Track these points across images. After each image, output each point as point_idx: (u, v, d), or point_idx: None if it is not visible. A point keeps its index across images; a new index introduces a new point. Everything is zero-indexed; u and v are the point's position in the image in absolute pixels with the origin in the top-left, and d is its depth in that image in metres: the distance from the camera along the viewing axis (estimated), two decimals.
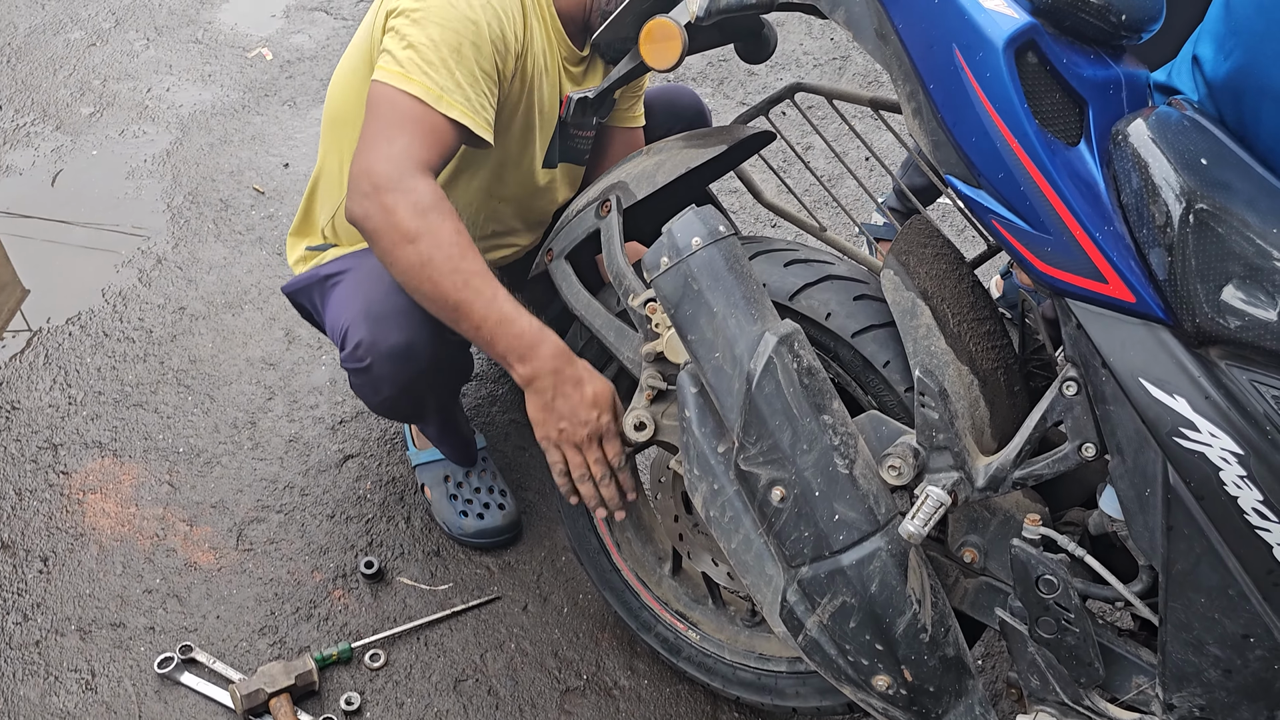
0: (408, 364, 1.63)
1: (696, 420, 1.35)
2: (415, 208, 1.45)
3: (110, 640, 1.80)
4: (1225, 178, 1.05)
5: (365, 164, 1.49)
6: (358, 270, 1.71)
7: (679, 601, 1.76)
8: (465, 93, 1.51)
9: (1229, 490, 1.04)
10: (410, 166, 1.48)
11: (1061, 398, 1.17)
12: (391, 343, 1.61)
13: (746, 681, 1.67)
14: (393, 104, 1.50)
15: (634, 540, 1.79)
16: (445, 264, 1.45)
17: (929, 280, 1.28)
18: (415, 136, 1.49)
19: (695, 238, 1.28)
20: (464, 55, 1.50)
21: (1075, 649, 1.22)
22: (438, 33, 1.49)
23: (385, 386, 1.67)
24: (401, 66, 1.49)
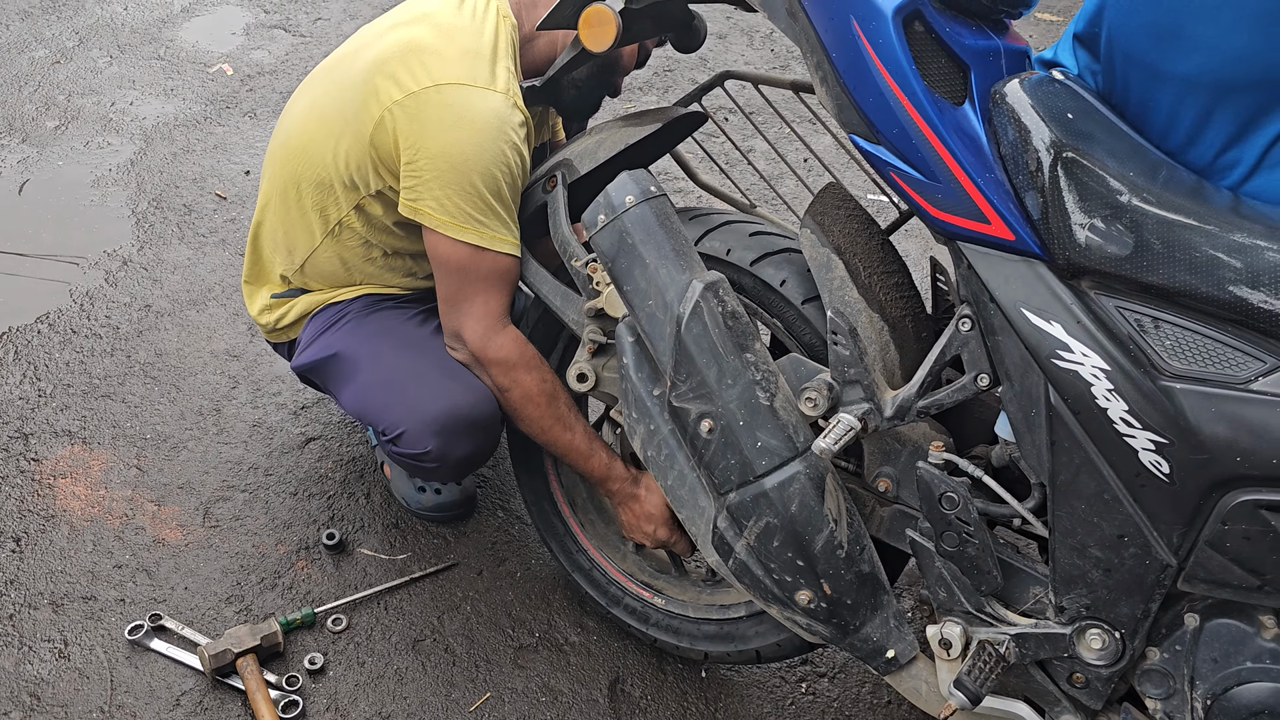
0: (473, 465, 1.83)
1: (634, 366, 1.47)
2: (504, 366, 1.71)
3: (82, 612, 1.89)
4: (1089, 129, 1.19)
5: (455, 326, 1.72)
6: (382, 354, 1.80)
7: (644, 573, 1.87)
8: (508, 226, 1.67)
9: (1100, 403, 1.17)
10: (491, 324, 1.70)
11: (958, 334, 1.30)
12: (462, 454, 1.77)
13: (711, 635, 1.77)
14: (456, 260, 1.66)
15: (598, 520, 1.91)
16: (534, 412, 1.72)
17: (842, 237, 1.41)
18: (485, 289, 1.69)
19: (629, 196, 1.41)
20: (502, 196, 1.64)
21: (975, 559, 1.34)
22: (479, 180, 1.60)
23: (443, 478, 1.90)
24: (449, 215, 1.62)
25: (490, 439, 1.79)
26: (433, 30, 1.65)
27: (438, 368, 1.75)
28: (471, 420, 1.73)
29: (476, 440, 1.76)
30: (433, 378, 1.74)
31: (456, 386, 1.73)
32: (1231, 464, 1.10)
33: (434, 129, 1.58)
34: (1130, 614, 1.25)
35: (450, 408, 1.72)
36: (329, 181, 1.76)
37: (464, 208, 1.61)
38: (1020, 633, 1.34)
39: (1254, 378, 1.09)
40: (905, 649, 1.45)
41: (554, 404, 1.71)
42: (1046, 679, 1.36)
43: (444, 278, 1.69)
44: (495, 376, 1.72)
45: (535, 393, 1.71)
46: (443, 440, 1.73)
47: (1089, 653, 1.29)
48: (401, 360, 1.78)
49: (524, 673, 1.85)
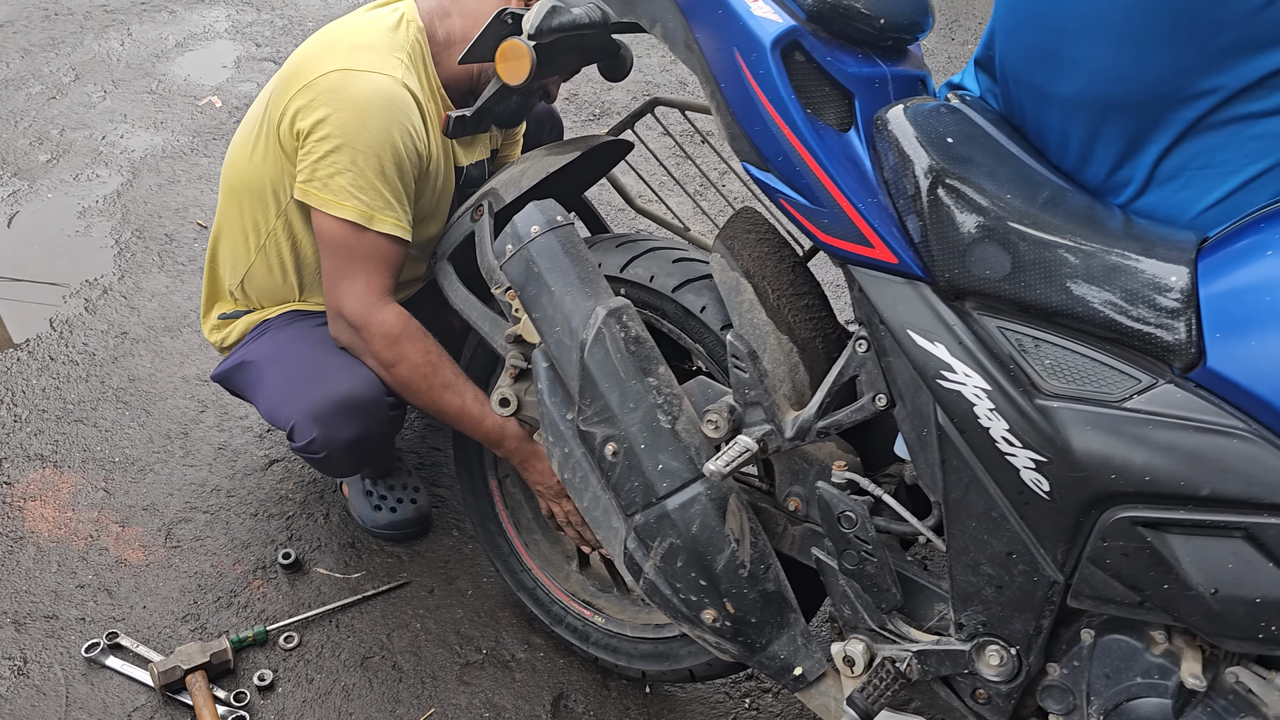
0: (363, 450, 1.85)
1: (548, 391, 1.51)
2: (387, 339, 1.74)
3: (43, 630, 1.94)
4: (968, 153, 1.22)
5: (336, 303, 1.76)
6: (278, 358, 1.88)
7: (586, 592, 1.91)
8: (392, 207, 1.72)
9: (982, 423, 1.19)
10: (372, 300, 1.74)
11: (855, 355, 1.33)
12: (346, 437, 1.81)
13: (647, 654, 1.80)
14: (339, 237, 1.71)
15: (542, 541, 1.95)
16: (421, 383, 1.76)
17: (751, 261, 1.45)
18: (367, 267, 1.73)
19: (534, 226, 1.45)
20: (387, 174, 1.70)
21: (875, 577, 1.37)
22: (361, 158, 1.67)
23: (341, 467, 1.92)
24: (333, 193, 1.69)
25: (375, 421, 1.81)
26: (334, 34, 1.76)
27: (322, 361, 1.80)
28: (349, 402, 1.76)
29: (358, 423, 1.78)
30: (316, 370, 1.79)
31: (333, 374, 1.78)
32: (1107, 481, 1.11)
33: (320, 112, 1.67)
34: (1023, 630, 1.27)
35: (326, 394, 1.76)
36: (257, 188, 1.84)
37: (345, 186, 1.67)
38: (922, 649, 1.35)
39: (1128, 396, 1.11)
40: (813, 666, 1.47)
41: (439, 372, 1.75)
42: (952, 695, 1.38)
43: (327, 256, 1.73)
44: (379, 351, 1.74)
45: (420, 363, 1.74)
46: (324, 427, 1.77)
47: (988, 669, 1.31)
48: (298, 361, 1.83)
49: (469, 689, 1.89)
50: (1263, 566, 1.06)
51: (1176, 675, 1.19)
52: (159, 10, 4.16)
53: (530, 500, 1.94)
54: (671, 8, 1.35)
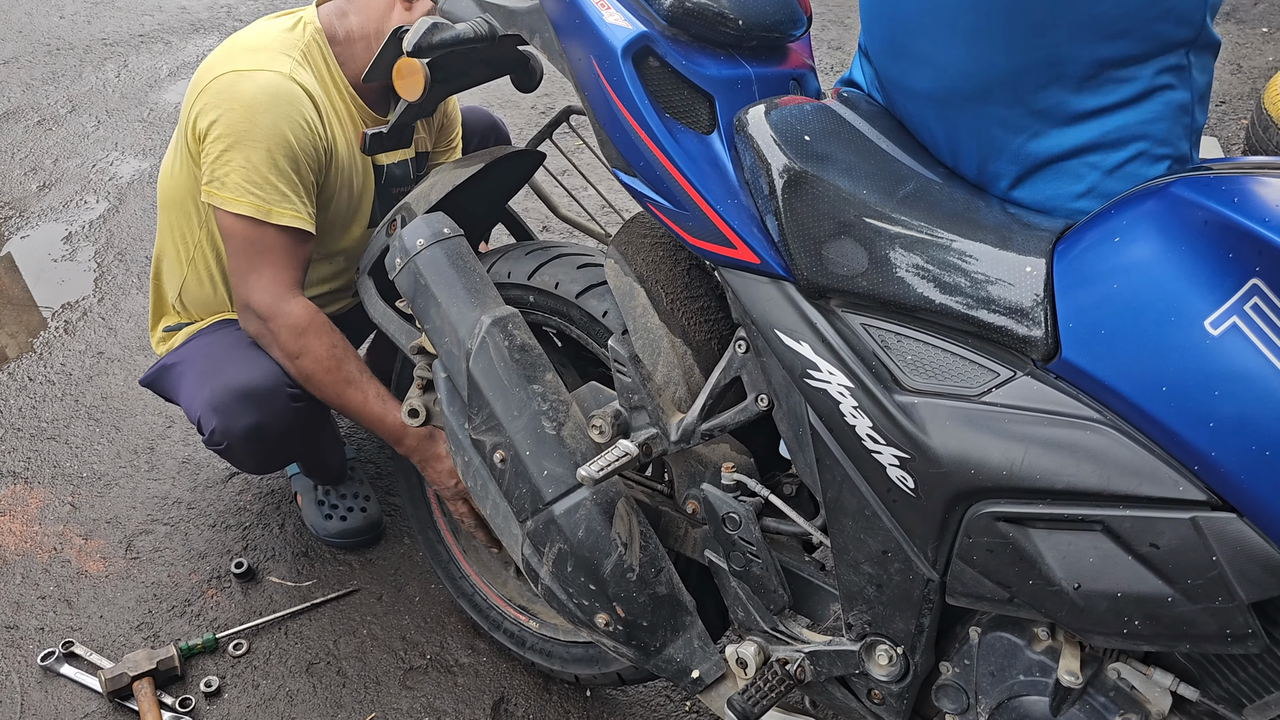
0: (262, 441, 1.87)
1: (446, 402, 1.54)
2: (293, 331, 1.78)
3: (4, 641, 2.00)
4: (826, 150, 1.22)
5: (243, 297, 1.80)
6: (196, 358, 1.93)
7: (522, 598, 1.93)
8: (289, 199, 1.76)
9: (847, 420, 1.19)
10: (280, 293, 1.78)
11: (736, 356, 1.34)
12: (242, 426, 1.83)
13: (579, 658, 1.82)
14: (240, 233, 1.76)
15: (480, 549, 1.97)
16: (324, 377, 1.80)
17: (645, 266, 1.46)
18: (272, 260, 1.77)
19: (420, 239, 1.48)
20: (280, 168, 1.75)
21: (761, 578, 1.37)
22: (253, 154, 1.72)
23: (248, 460, 1.94)
24: (230, 190, 1.74)
25: (273, 411, 1.82)
26: (231, 41, 1.83)
27: (229, 355, 1.85)
28: (245, 391, 1.79)
29: (255, 412, 1.80)
30: (221, 364, 1.84)
31: (234, 365, 1.82)
32: (968, 476, 1.11)
33: (213, 113, 1.73)
34: (905, 629, 1.26)
35: (225, 383, 1.80)
36: (179, 200, 1.91)
37: (240, 182, 1.72)
38: (814, 650, 1.35)
39: (987, 389, 1.11)
40: (710, 669, 1.47)
41: (343, 367, 1.78)
42: (849, 695, 1.37)
43: (232, 253, 1.78)
44: (285, 343, 1.78)
45: (324, 356, 1.77)
46: (222, 417, 1.81)
47: (878, 669, 1.31)
48: (209, 358, 1.88)
49: (410, 693, 1.91)
50: (1122, 560, 1.05)
51: (1055, 672, 1.18)
52: (155, 41, 4.27)
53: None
54: (544, 20, 1.38)
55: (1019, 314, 1.08)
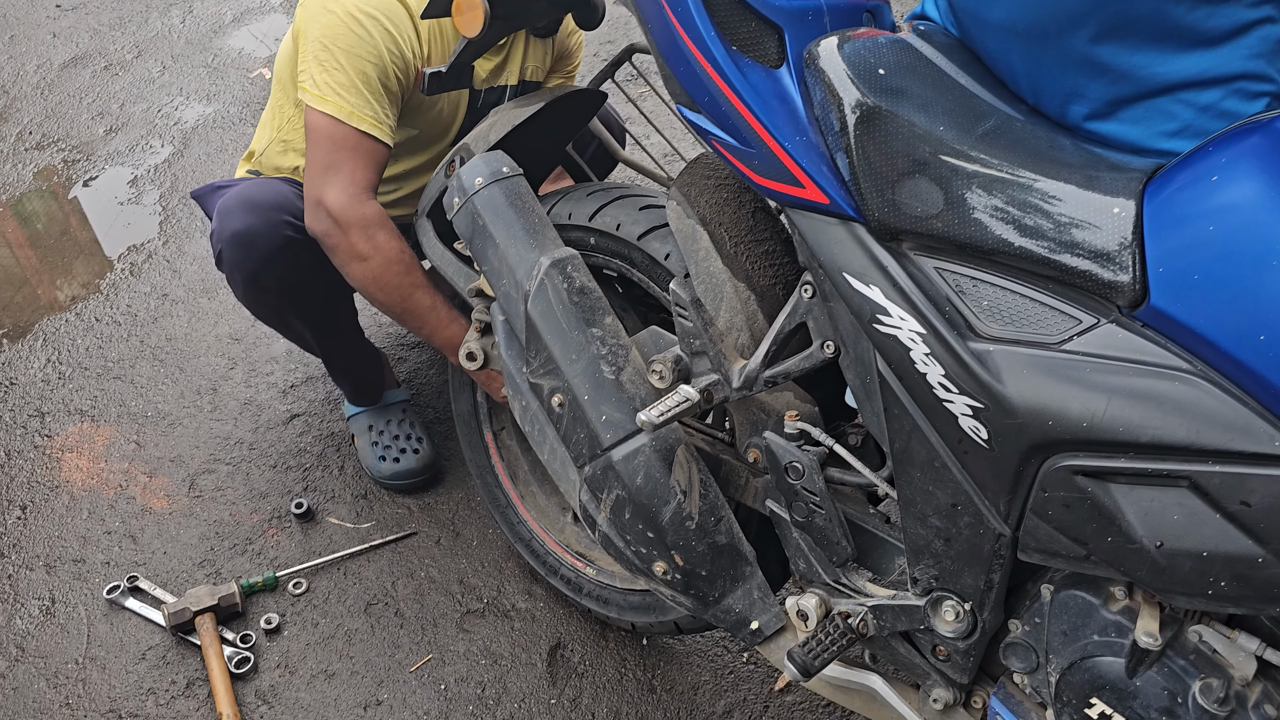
0: (249, 250, 1.86)
1: (505, 345, 1.51)
2: (365, 230, 1.76)
3: (71, 573, 2.04)
4: (901, 85, 1.16)
5: (317, 193, 1.78)
6: (237, 183, 1.98)
7: (580, 544, 1.92)
8: (372, 107, 1.76)
9: (919, 368, 1.14)
10: (354, 193, 1.77)
11: (801, 301, 1.28)
12: (233, 229, 1.85)
13: (636, 605, 1.81)
14: (322, 129, 1.76)
15: (538, 493, 1.96)
16: (394, 278, 1.77)
17: (708, 208, 1.41)
18: (349, 161, 1.77)
19: (478, 178, 1.45)
20: (369, 77, 1.75)
21: (824, 529, 1.34)
22: (344, 58, 1.74)
23: (236, 274, 1.91)
24: (318, 89, 1.75)
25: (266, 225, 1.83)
26: None
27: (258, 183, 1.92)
28: (246, 198, 1.85)
29: (249, 217, 1.83)
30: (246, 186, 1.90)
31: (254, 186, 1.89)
32: (1044, 428, 1.06)
33: (313, 16, 1.76)
34: (974, 585, 1.22)
35: (234, 193, 1.88)
36: (285, 79, 1.96)
37: (329, 83, 1.73)
38: (877, 604, 1.32)
39: (1067, 337, 1.05)
40: (770, 620, 1.44)
41: (413, 270, 1.78)
42: (913, 651, 1.34)
43: (311, 148, 1.78)
44: (357, 242, 1.76)
45: (395, 256, 1.77)
46: (221, 218, 1.85)
47: (944, 625, 1.26)
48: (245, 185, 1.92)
49: (467, 636, 1.92)
50: (1209, 518, 0.99)
51: (1132, 634, 1.13)
52: None
53: (527, 453, 1.95)
54: None
55: (1105, 258, 1.02)
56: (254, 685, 1.84)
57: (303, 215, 1.82)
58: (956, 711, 1.35)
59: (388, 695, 1.82)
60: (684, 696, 1.83)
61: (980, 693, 1.35)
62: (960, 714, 1.35)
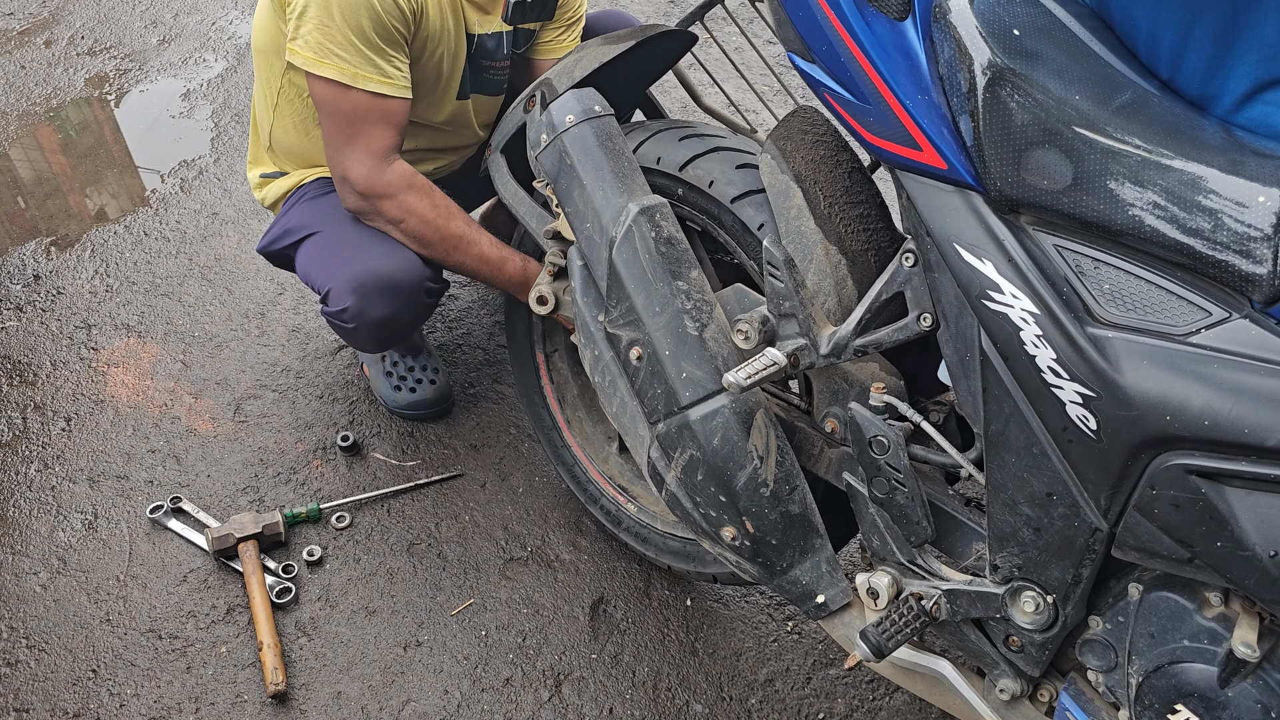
0: (392, 329, 1.86)
1: (580, 290, 1.46)
2: (393, 198, 1.73)
3: (114, 490, 2.02)
4: (1036, 48, 1.09)
5: (340, 170, 1.74)
6: (324, 229, 1.88)
7: (623, 477, 1.89)
8: (376, 64, 1.68)
9: (1028, 350, 1.09)
10: (375, 164, 1.72)
11: (901, 269, 1.23)
12: (377, 316, 1.82)
13: (675, 550, 1.78)
14: (329, 101, 1.69)
15: (585, 420, 1.92)
16: (433, 235, 1.77)
17: (804, 165, 1.35)
18: (364, 131, 1.71)
19: (569, 115, 1.39)
20: (366, 32, 1.65)
21: (905, 507, 1.29)
22: (338, 14, 1.63)
23: (367, 342, 1.92)
24: (312, 50, 1.66)
25: (408, 307, 1.82)
26: None
27: (370, 235, 1.81)
28: (390, 281, 1.77)
29: (393, 303, 1.79)
30: (364, 243, 1.80)
31: (384, 250, 1.79)
32: (1160, 423, 1.00)
33: None
34: (1061, 578, 1.18)
35: (371, 266, 1.78)
36: (267, 47, 1.85)
37: (326, 44, 1.64)
38: (952, 589, 1.28)
39: (1195, 330, 0.99)
40: (837, 595, 1.40)
41: (451, 222, 1.74)
42: (983, 639, 1.30)
43: (323, 120, 1.72)
44: (387, 210, 1.73)
45: (429, 216, 1.74)
46: (360, 298, 1.78)
47: (1022, 616, 1.23)
48: (341, 230, 1.83)
49: (510, 583, 1.89)
50: None
51: (1227, 642, 1.08)
52: None
53: (577, 378, 1.92)
54: None
55: (1243, 248, 0.96)
56: (294, 616, 1.82)
57: (434, 278, 1.81)
58: (1022, 703, 1.32)
59: (428, 637, 1.80)
60: (726, 662, 1.80)
61: (1047, 686, 1.32)
62: (1025, 706, 1.32)
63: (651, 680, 1.77)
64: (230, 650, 1.77)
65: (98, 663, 1.75)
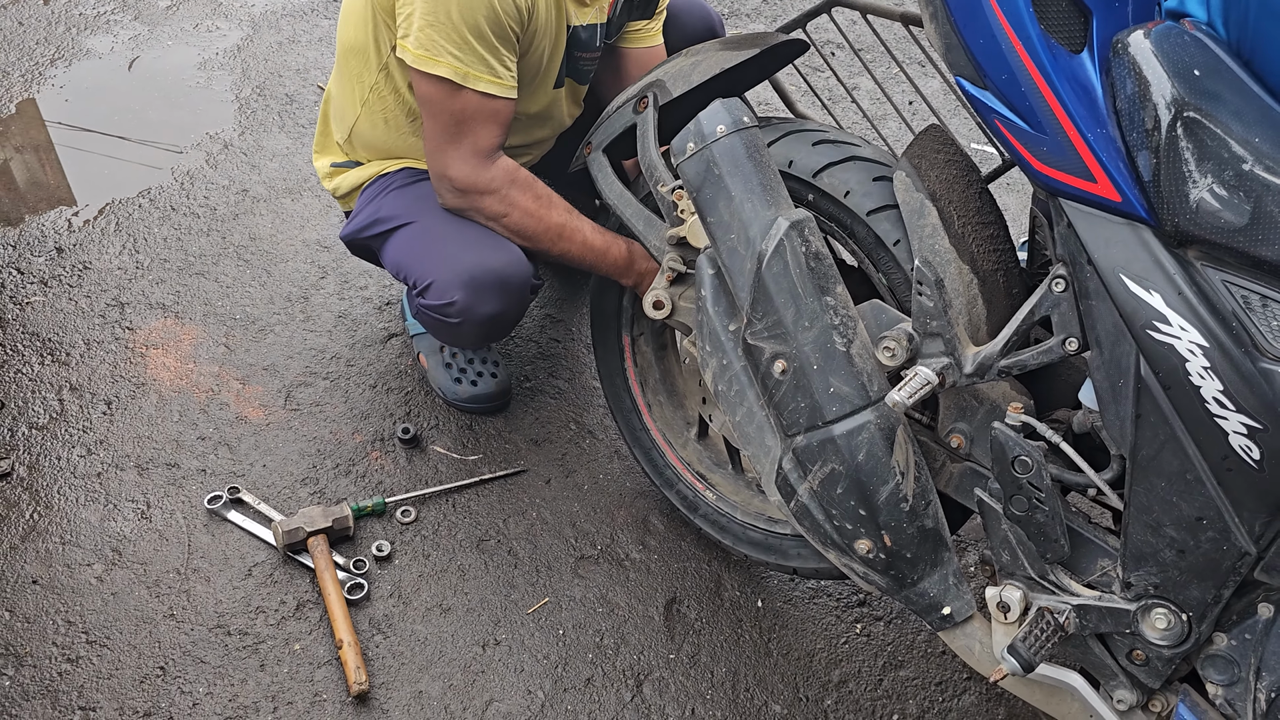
0: (496, 328, 1.84)
1: (711, 299, 1.46)
2: (495, 194, 1.71)
3: (165, 478, 1.95)
4: (1216, 89, 1.11)
5: (440, 169, 1.71)
6: (426, 219, 1.83)
7: (701, 464, 1.89)
8: (489, 64, 1.65)
9: (1193, 381, 1.11)
10: (478, 163, 1.70)
11: (1050, 294, 1.24)
12: (487, 312, 1.79)
13: (755, 541, 1.79)
14: (438, 100, 1.66)
15: (665, 404, 1.92)
16: (536, 227, 1.75)
17: (938, 183, 1.36)
18: (470, 131, 1.68)
19: (720, 125, 1.37)
20: (483, 31, 1.62)
21: (1044, 526, 1.31)
22: (456, 12, 1.60)
23: (465, 339, 1.89)
24: (425, 49, 1.62)
25: (516, 304, 1.80)
26: None
27: (474, 229, 1.79)
28: (502, 277, 1.76)
29: (503, 300, 1.78)
30: (470, 236, 1.78)
31: (491, 244, 1.77)
32: None
33: None
34: (1201, 598, 1.20)
35: (481, 261, 1.75)
36: (361, 45, 1.80)
37: (439, 41, 1.61)
38: (1082, 604, 1.30)
39: None
40: (962, 607, 1.43)
41: (553, 213, 1.73)
42: (1105, 652, 1.33)
43: (428, 119, 1.69)
44: (488, 206, 1.72)
45: (532, 208, 1.73)
46: (470, 293, 1.76)
47: (1153, 632, 1.25)
48: (439, 221, 1.81)
49: (583, 582, 1.88)
50: None
51: None
52: None
53: (660, 362, 1.91)
54: None
55: None
56: (367, 613, 1.79)
57: (537, 274, 1.79)
58: (1135, 714, 1.36)
59: (505, 636, 1.78)
60: (799, 663, 1.82)
61: (1159, 698, 1.35)
62: (1139, 716, 1.36)
63: (730, 680, 1.78)
64: (304, 648, 1.73)
65: (165, 659, 1.70)
